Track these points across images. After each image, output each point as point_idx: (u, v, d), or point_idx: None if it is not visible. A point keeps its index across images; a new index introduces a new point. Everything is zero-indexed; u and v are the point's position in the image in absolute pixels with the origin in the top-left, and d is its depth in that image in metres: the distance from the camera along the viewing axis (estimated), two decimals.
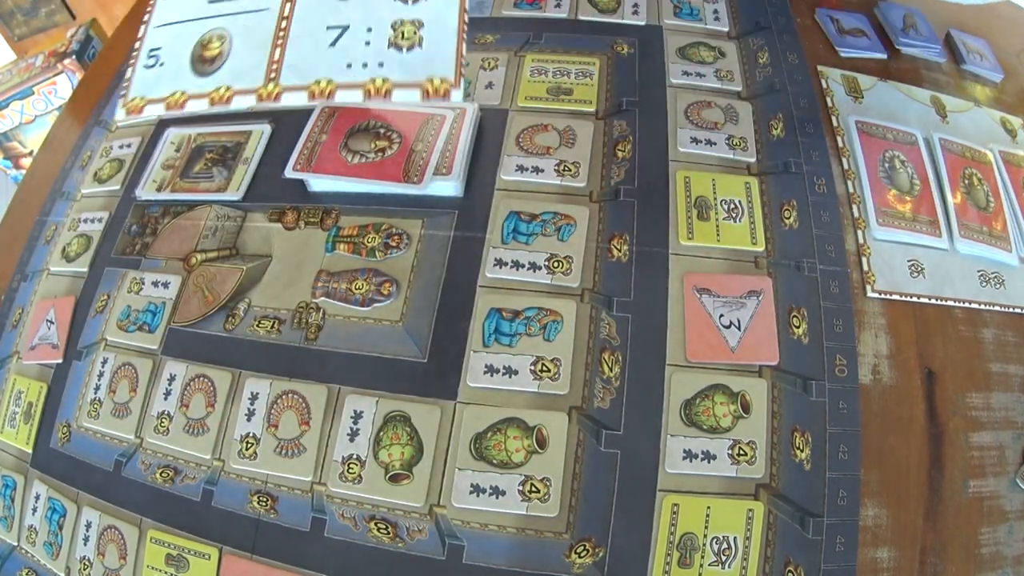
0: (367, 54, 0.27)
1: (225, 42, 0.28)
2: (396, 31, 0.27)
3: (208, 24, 0.29)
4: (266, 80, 0.27)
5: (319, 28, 0.28)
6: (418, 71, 0.26)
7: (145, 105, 0.29)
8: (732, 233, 0.40)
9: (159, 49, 0.30)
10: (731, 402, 0.36)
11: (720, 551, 0.34)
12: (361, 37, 0.27)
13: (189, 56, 0.29)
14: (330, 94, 0.26)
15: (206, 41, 0.29)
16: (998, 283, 0.41)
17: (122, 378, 0.43)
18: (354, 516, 0.36)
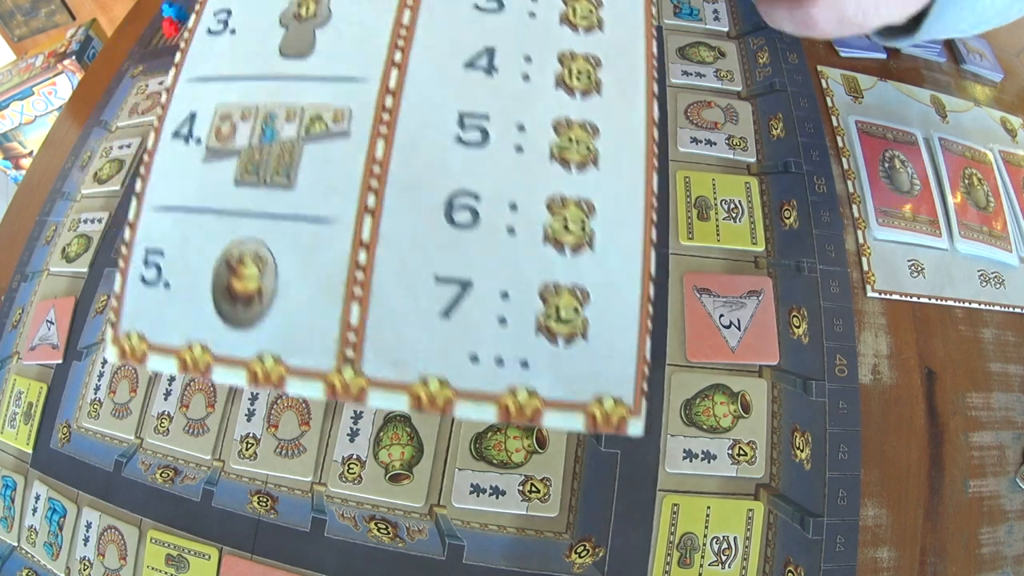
0: (502, 340, 0.16)
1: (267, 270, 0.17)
2: (547, 304, 0.16)
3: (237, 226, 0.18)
4: (339, 359, 0.16)
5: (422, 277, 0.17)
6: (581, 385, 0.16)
7: (148, 351, 0.18)
8: (732, 233, 0.40)
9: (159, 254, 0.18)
10: (731, 402, 0.36)
11: (720, 551, 0.33)
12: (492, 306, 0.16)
13: (211, 280, 0.18)
14: (445, 405, 0.16)
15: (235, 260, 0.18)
16: (998, 283, 0.41)
17: (122, 378, 0.43)
18: (354, 516, 0.36)
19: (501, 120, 0.18)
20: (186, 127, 0.20)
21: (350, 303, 0.17)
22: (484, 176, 0.18)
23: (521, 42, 0.19)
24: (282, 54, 0.20)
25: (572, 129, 0.18)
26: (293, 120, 0.19)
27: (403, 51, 0.19)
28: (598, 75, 0.19)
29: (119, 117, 0.58)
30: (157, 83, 0.58)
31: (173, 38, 0.62)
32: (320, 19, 0.20)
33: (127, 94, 0.59)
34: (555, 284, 0.17)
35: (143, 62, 0.62)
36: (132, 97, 0.59)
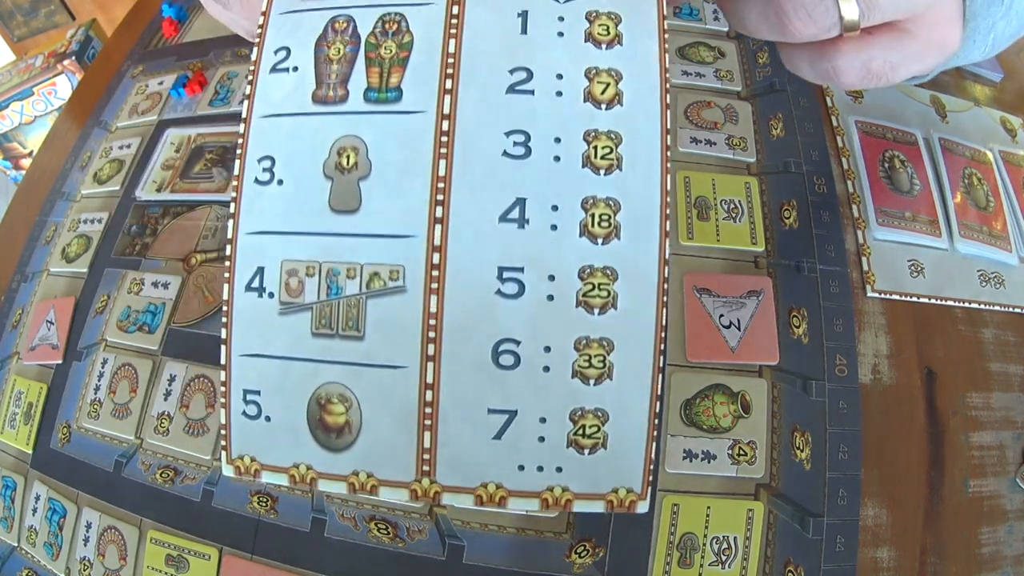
0: (542, 454, 0.21)
1: (351, 408, 0.22)
2: (576, 424, 0.21)
3: (317, 372, 0.22)
4: (418, 473, 0.22)
5: (478, 410, 0.21)
6: (602, 481, 0.21)
7: (260, 470, 0.23)
8: (732, 233, 0.40)
9: (257, 394, 0.23)
10: (731, 402, 0.36)
11: (720, 551, 0.34)
12: (533, 430, 0.21)
13: (305, 415, 0.22)
14: (501, 501, 0.22)
15: (323, 399, 0.22)
16: (998, 283, 0.41)
17: (122, 378, 0.43)
18: (354, 516, 0.36)
19: (534, 272, 0.21)
20: (256, 281, 0.23)
21: (422, 432, 0.22)
22: (522, 324, 0.21)
23: (549, 190, 0.22)
24: (333, 209, 0.22)
25: (595, 275, 0.21)
26: (354, 277, 0.22)
27: (443, 205, 0.22)
28: (617, 219, 0.22)
29: (119, 117, 0.58)
30: (157, 83, 0.58)
31: (173, 38, 0.62)
32: (362, 171, 0.22)
33: (127, 94, 0.59)
34: (582, 409, 0.21)
35: (143, 62, 0.62)
36: (132, 97, 0.59)
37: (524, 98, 0.22)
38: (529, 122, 0.22)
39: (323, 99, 0.23)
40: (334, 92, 0.23)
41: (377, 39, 0.23)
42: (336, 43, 0.23)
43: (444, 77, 0.22)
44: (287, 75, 0.24)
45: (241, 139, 0.24)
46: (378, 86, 0.23)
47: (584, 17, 0.23)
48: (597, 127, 0.22)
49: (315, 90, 0.23)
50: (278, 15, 0.24)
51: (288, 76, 0.24)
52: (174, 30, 0.62)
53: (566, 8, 0.23)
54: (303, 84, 0.23)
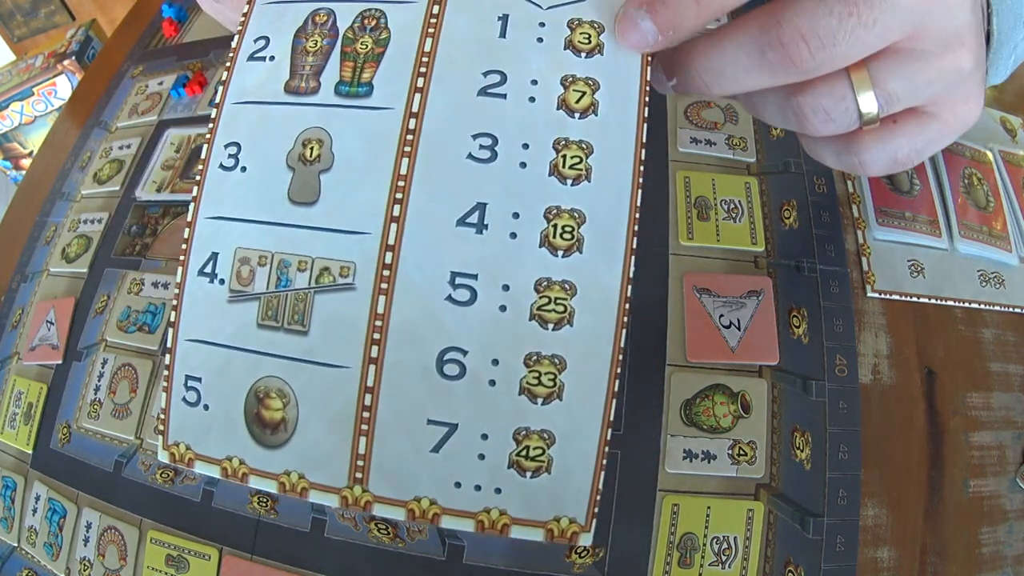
0: (481, 472, 0.20)
1: (289, 404, 0.21)
2: (520, 444, 0.20)
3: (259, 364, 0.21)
4: (350, 480, 0.21)
5: (417, 419, 0.20)
6: (543, 508, 0.20)
7: (193, 459, 0.22)
8: (732, 233, 0.40)
9: (198, 381, 0.22)
10: (731, 402, 0.36)
11: (720, 551, 0.34)
12: (473, 445, 0.20)
13: (243, 408, 0.22)
14: (434, 518, 0.20)
15: (262, 393, 0.21)
16: (998, 283, 0.41)
17: (122, 379, 0.43)
18: (354, 516, 0.36)
19: (488, 280, 0.20)
20: (209, 266, 0.22)
21: (358, 436, 0.21)
22: (471, 333, 0.20)
23: (511, 197, 0.21)
24: (291, 200, 0.22)
25: (552, 288, 0.20)
26: (304, 271, 0.21)
27: (401, 204, 0.21)
28: (581, 232, 0.21)
29: (119, 117, 0.58)
30: (157, 83, 0.58)
31: (173, 38, 0.62)
32: (324, 164, 0.22)
33: (127, 94, 0.59)
34: (527, 428, 0.20)
35: (143, 62, 0.62)
36: (132, 97, 0.59)
37: (495, 101, 0.22)
38: (498, 126, 0.21)
39: (295, 90, 0.23)
40: (306, 83, 0.23)
41: (355, 34, 0.23)
42: (314, 35, 0.23)
43: (416, 75, 0.22)
44: (263, 64, 0.24)
45: (212, 124, 0.23)
46: (350, 80, 0.22)
47: (566, 24, 0.22)
48: (568, 136, 0.21)
49: (288, 80, 0.23)
50: (262, 4, 0.24)
51: (264, 65, 0.24)
52: (174, 30, 0.62)
53: (548, 15, 0.22)
54: (277, 74, 0.23)
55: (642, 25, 0.20)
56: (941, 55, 0.21)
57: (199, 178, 0.23)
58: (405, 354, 0.21)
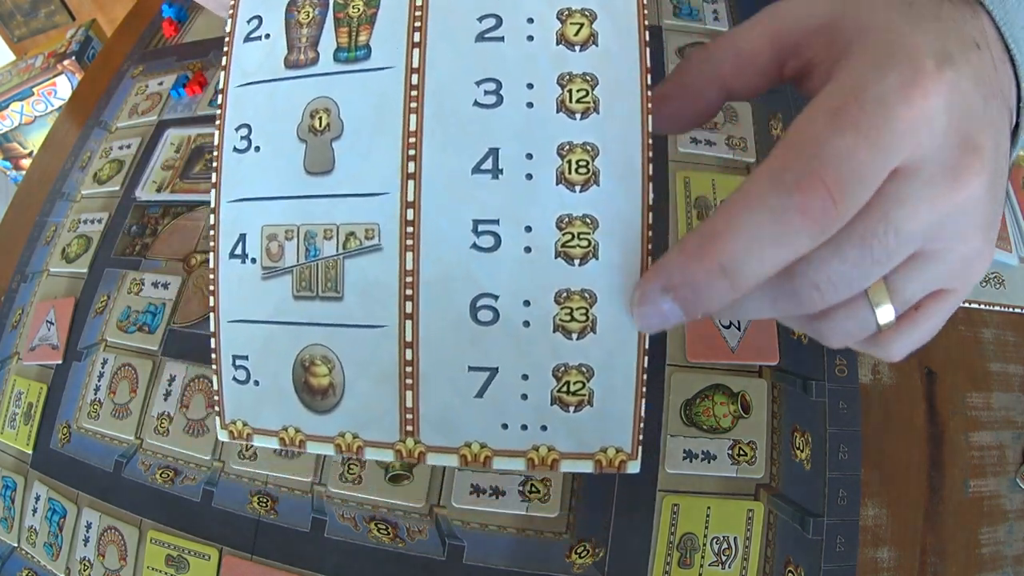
0: (525, 412, 0.20)
1: (334, 369, 0.21)
2: (560, 380, 0.20)
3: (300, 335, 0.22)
4: (402, 433, 0.21)
5: (458, 368, 0.21)
6: (589, 440, 0.20)
7: (252, 434, 0.23)
8: None
9: (245, 359, 0.23)
10: (731, 402, 0.36)
11: (720, 551, 0.33)
12: (515, 387, 0.20)
13: (291, 379, 0.22)
14: (486, 461, 0.21)
15: (307, 362, 0.22)
16: (998, 283, 0.41)
17: (122, 379, 0.43)
18: (354, 516, 0.36)
19: (510, 223, 0.21)
20: (239, 247, 0.23)
21: (404, 391, 0.21)
22: (499, 278, 0.21)
23: (522, 139, 0.21)
24: (307, 171, 0.22)
25: (573, 224, 0.20)
26: (331, 238, 0.22)
27: (415, 160, 0.21)
28: (595, 165, 0.20)
29: (119, 117, 0.58)
30: (157, 83, 0.58)
31: (173, 38, 0.62)
32: (335, 131, 0.22)
33: (127, 94, 0.59)
34: (565, 364, 0.20)
35: (143, 62, 0.62)
36: (132, 97, 0.59)
37: (494, 45, 0.21)
38: (500, 69, 0.21)
39: (295, 63, 0.23)
40: (305, 55, 0.23)
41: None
42: (305, 6, 0.23)
43: (412, 31, 0.22)
44: (260, 43, 0.23)
45: (219, 110, 0.24)
46: (347, 45, 0.22)
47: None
48: (571, 70, 0.21)
49: (287, 55, 0.23)
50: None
51: (261, 44, 0.23)
52: (174, 30, 0.62)
53: None
54: (275, 50, 0.23)
55: (661, 305, 0.19)
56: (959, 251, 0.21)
57: (215, 164, 0.23)
58: (438, 306, 0.21)
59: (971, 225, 0.20)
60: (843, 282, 0.20)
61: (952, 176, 0.19)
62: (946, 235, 0.20)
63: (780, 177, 0.18)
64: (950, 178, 0.19)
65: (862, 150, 0.17)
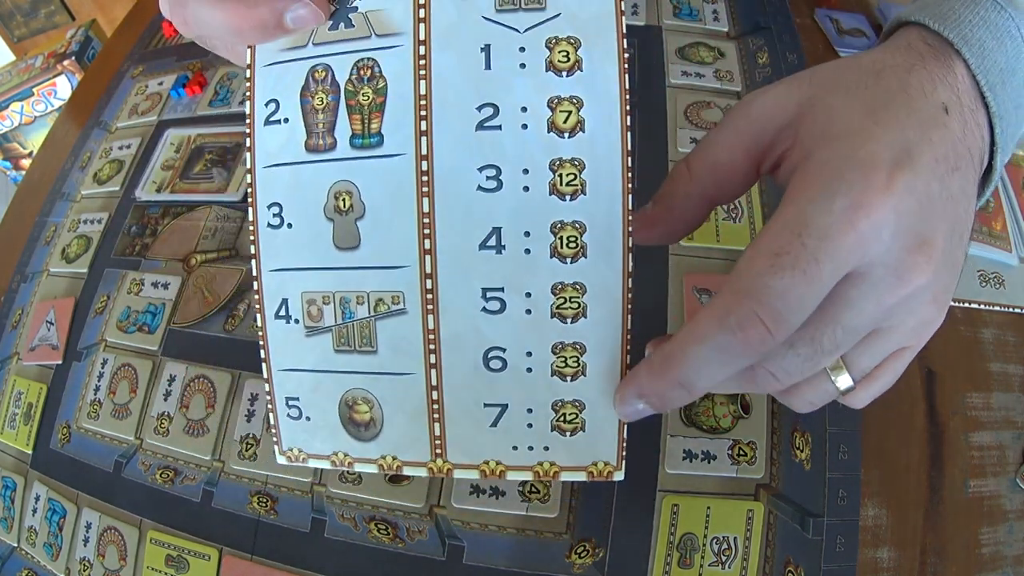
0: (531, 437, 0.25)
1: (374, 407, 0.26)
2: (558, 412, 0.25)
3: (343, 381, 0.26)
4: (432, 455, 0.26)
5: (475, 405, 0.25)
6: (583, 456, 0.25)
7: (307, 458, 0.27)
8: (732, 233, 0.40)
9: (296, 400, 0.27)
10: (731, 402, 0.36)
11: (720, 551, 0.34)
12: (522, 418, 0.25)
13: (337, 414, 0.26)
14: (501, 474, 0.25)
15: (351, 402, 0.26)
16: (998, 283, 0.41)
17: (122, 379, 0.43)
18: (354, 517, 0.36)
19: (513, 291, 0.24)
20: (283, 310, 0.26)
21: (432, 423, 0.25)
22: (506, 335, 0.25)
23: (520, 219, 0.24)
24: (337, 247, 0.25)
25: (566, 291, 0.24)
26: (363, 303, 0.25)
27: (430, 238, 0.24)
28: (583, 240, 0.24)
29: (119, 118, 0.58)
30: (157, 84, 0.58)
31: (173, 38, 0.62)
32: (358, 212, 0.25)
33: (127, 95, 0.59)
34: (561, 400, 0.25)
35: (143, 63, 0.62)
36: (132, 98, 0.59)
37: (493, 134, 0.24)
38: (499, 156, 0.24)
39: (315, 148, 0.25)
40: (323, 141, 0.25)
41: (355, 86, 0.25)
42: (319, 93, 0.25)
43: (419, 120, 0.24)
44: (280, 127, 0.26)
45: (250, 188, 0.26)
46: (361, 132, 0.25)
47: (544, 45, 0.24)
48: (561, 155, 0.24)
49: (306, 140, 0.25)
50: (263, 67, 0.26)
51: (281, 128, 0.26)
52: (174, 30, 0.62)
53: (526, 37, 0.24)
54: (295, 134, 0.26)
55: (639, 407, 0.23)
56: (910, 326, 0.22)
57: (252, 238, 0.26)
58: (457, 357, 0.25)
59: (920, 305, 0.22)
60: (797, 371, 0.22)
61: (898, 276, 0.20)
62: (895, 318, 0.22)
63: (724, 320, 0.20)
64: (896, 277, 0.20)
65: (800, 286, 0.19)
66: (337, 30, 0.25)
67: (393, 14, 0.25)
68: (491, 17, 0.24)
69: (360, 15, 0.25)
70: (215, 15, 0.24)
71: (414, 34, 0.24)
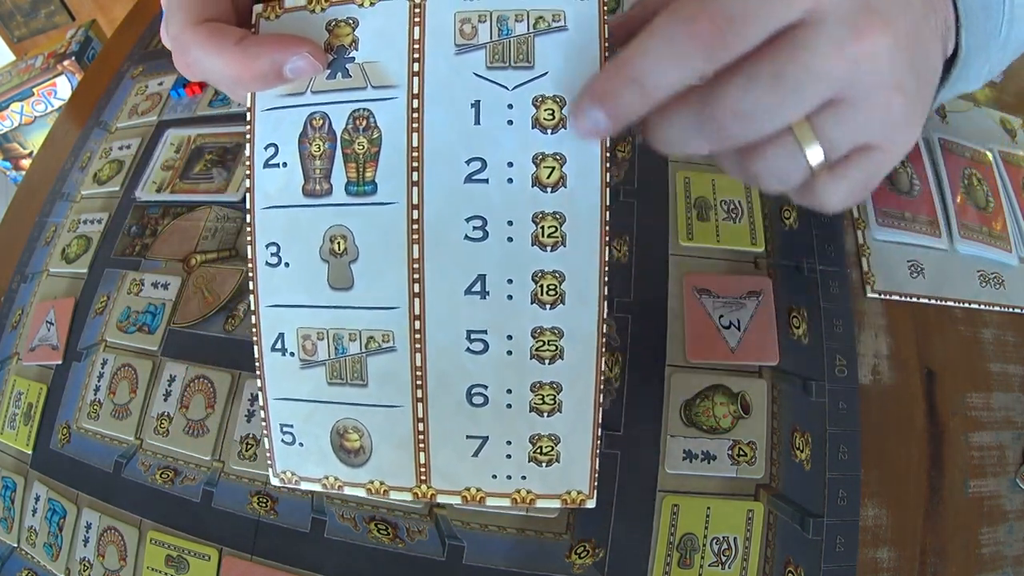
0: (510, 467, 0.27)
1: (363, 436, 0.27)
2: (535, 445, 0.26)
3: (335, 411, 0.27)
4: (417, 480, 0.27)
5: (458, 436, 0.27)
6: (557, 485, 0.27)
7: (299, 480, 0.29)
8: (732, 234, 0.40)
9: (291, 427, 0.28)
10: (731, 402, 0.36)
11: (720, 551, 0.34)
12: (502, 449, 0.27)
13: (329, 442, 0.28)
14: (481, 500, 0.27)
15: (342, 430, 0.27)
16: (998, 283, 0.41)
17: (122, 379, 0.43)
18: (354, 517, 0.36)
19: (495, 333, 0.26)
20: (279, 343, 0.28)
21: (418, 452, 0.27)
22: (488, 373, 0.26)
23: (504, 267, 0.25)
24: (331, 287, 0.27)
25: (544, 334, 0.26)
26: (355, 340, 0.27)
27: (419, 282, 0.26)
28: (562, 288, 0.25)
29: (119, 118, 0.58)
30: (157, 84, 0.58)
31: None
32: (351, 255, 0.26)
33: (127, 95, 0.60)
34: (538, 434, 0.26)
35: (143, 63, 0.62)
36: (132, 98, 0.59)
37: (480, 187, 0.25)
38: (485, 208, 0.25)
39: (311, 192, 0.27)
40: (320, 186, 0.27)
41: (350, 135, 0.26)
42: (316, 140, 0.26)
43: (411, 170, 0.26)
44: (278, 170, 0.27)
45: (249, 228, 0.28)
46: (356, 180, 0.26)
47: (531, 103, 0.25)
48: (544, 209, 0.25)
49: (304, 184, 0.27)
50: (262, 112, 0.27)
51: (279, 171, 0.27)
52: None
53: (514, 95, 0.25)
54: (293, 179, 0.27)
55: (592, 115, 0.23)
56: (875, 102, 0.23)
57: (251, 274, 0.28)
58: (442, 393, 0.27)
59: (882, 79, 0.22)
60: (761, 111, 0.22)
61: (853, 30, 0.21)
62: (858, 85, 0.22)
63: (676, 13, 0.21)
64: (852, 30, 0.21)
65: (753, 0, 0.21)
66: (335, 79, 0.26)
67: (388, 67, 0.26)
68: (482, 74, 0.25)
69: (357, 66, 0.26)
70: (216, 64, 0.25)
71: (408, 87, 0.26)
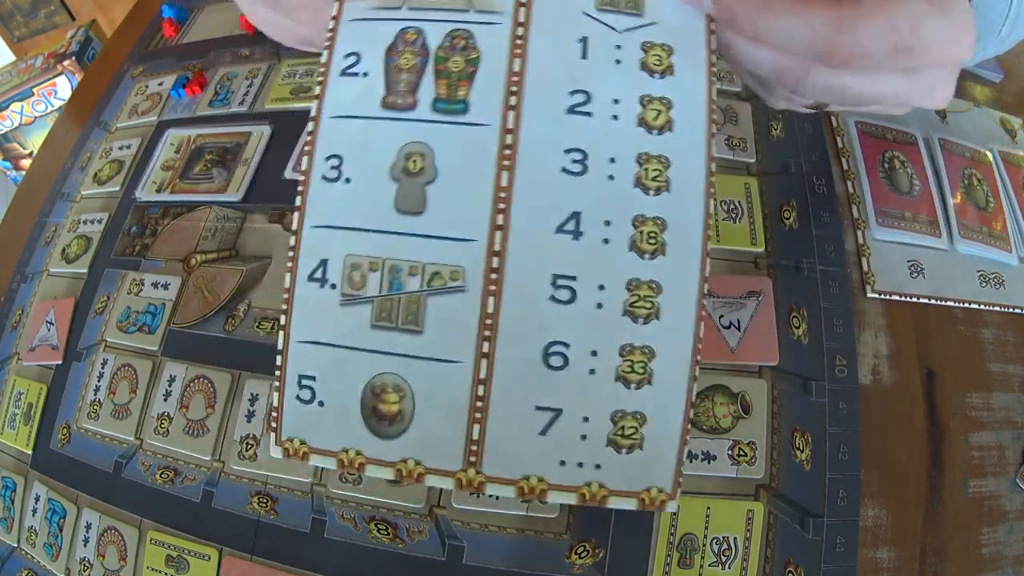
0: (583, 451, 0.22)
1: (406, 398, 0.23)
2: (616, 424, 0.22)
3: (374, 362, 0.23)
4: (465, 462, 0.23)
5: (526, 406, 0.22)
6: (637, 480, 0.23)
7: (309, 453, 0.24)
8: (732, 233, 0.40)
9: (312, 379, 0.24)
10: (731, 402, 0.36)
11: (720, 551, 0.34)
12: (576, 428, 0.22)
13: (359, 403, 0.23)
14: (541, 494, 0.22)
15: (379, 388, 0.23)
16: (998, 283, 0.41)
17: (122, 379, 0.43)
18: (354, 517, 0.36)
19: (586, 281, 0.23)
20: (319, 272, 0.24)
21: (472, 424, 0.23)
22: (571, 329, 0.23)
23: (602, 206, 0.23)
24: (398, 210, 0.23)
25: (641, 288, 0.23)
26: (416, 275, 0.23)
27: (504, 213, 0.23)
28: (663, 237, 0.23)
29: (119, 118, 0.58)
30: (157, 84, 0.58)
31: (173, 39, 0.62)
32: (428, 176, 0.23)
33: (127, 95, 0.59)
34: (622, 411, 0.23)
35: (143, 63, 0.62)
36: (132, 98, 0.59)
37: (582, 119, 0.23)
38: (587, 141, 0.23)
39: (393, 105, 0.24)
40: (403, 100, 0.24)
41: (446, 53, 0.24)
42: (406, 53, 0.24)
43: (509, 94, 0.24)
44: (357, 79, 0.25)
45: (310, 136, 0.25)
46: (446, 97, 0.24)
47: (640, 47, 0.24)
48: (649, 151, 0.23)
49: (385, 96, 0.24)
50: (348, 21, 0.25)
51: (358, 80, 0.25)
52: (174, 31, 0.62)
53: (623, 37, 0.24)
54: (373, 89, 0.24)
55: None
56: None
57: (301, 188, 0.24)
58: (514, 348, 0.23)
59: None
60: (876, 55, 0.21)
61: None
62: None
63: None
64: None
65: None
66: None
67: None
68: (591, 13, 0.24)
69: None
70: None
71: (514, 16, 0.24)
